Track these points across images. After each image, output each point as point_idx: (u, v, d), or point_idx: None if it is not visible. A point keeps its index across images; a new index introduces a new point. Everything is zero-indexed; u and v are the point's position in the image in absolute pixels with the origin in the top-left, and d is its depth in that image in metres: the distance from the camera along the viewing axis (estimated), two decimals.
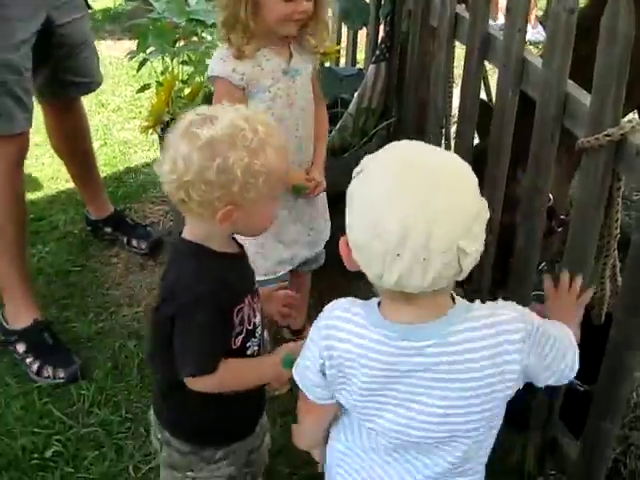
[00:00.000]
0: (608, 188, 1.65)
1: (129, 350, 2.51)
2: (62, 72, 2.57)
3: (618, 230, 1.73)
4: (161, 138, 2.65)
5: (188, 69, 2.68)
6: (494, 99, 2.10)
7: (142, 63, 2.59)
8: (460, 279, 1.14)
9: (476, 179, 1.15)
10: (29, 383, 2.40)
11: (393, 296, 1.16)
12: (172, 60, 2.48)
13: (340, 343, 1.23)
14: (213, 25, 2.37)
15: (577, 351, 1.34)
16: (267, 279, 2.13)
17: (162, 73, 2.63)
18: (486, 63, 2.15)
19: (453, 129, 2.56)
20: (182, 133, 1.35)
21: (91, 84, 2.75)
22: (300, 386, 1.35)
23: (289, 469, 2.11)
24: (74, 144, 2.90)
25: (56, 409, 2.29)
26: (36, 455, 2.15)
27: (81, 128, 2.91)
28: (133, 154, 3.66)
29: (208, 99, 2.57)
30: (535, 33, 4.70)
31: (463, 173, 1.15)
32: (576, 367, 1.33)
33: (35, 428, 2.23)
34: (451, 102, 2.46)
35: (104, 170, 3.57)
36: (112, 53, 4.73)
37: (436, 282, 1.09)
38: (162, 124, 2.56)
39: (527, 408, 2.06)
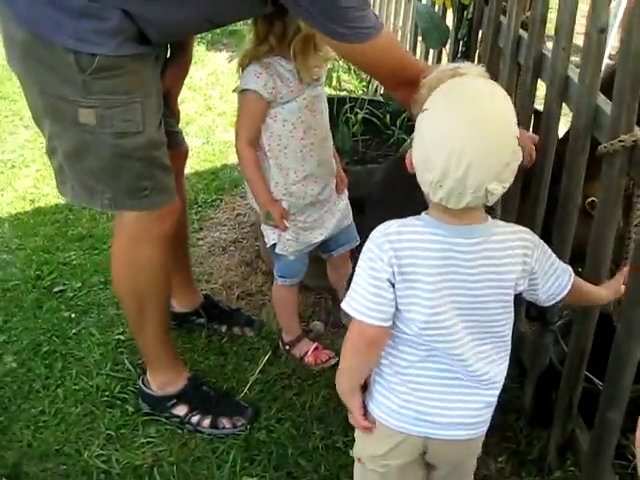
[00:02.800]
0: (624, 192, 1.82)
1: None
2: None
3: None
4: None
5: None
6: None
7: None
8: (489, 204, 1.46)
9: (516, 129, 1.44)
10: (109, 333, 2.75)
11: (440, 209, 1.46)
12: None
13: (407, 245, 1.46)
14: None
15: (573, 275, 1.64)
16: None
17: None
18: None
19: None
20: (450, 74, 1.60)
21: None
22: (357, 315, 1.47)
23: (325, 434, 2.35)
24: None
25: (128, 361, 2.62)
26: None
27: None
28: (231, 153, 3.96)
29: None
30: None
31: (508, 125, 1.43)
32: (569, 288, 1.62)
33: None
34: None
35: (202, 165, 3.93)
36: (225, 64, 5.04)
37: (469, 206, 1.42)
38: None
39: (551, 407, 2.22)
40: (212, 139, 4.25)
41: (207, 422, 2.38)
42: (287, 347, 2.64)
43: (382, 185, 1.97)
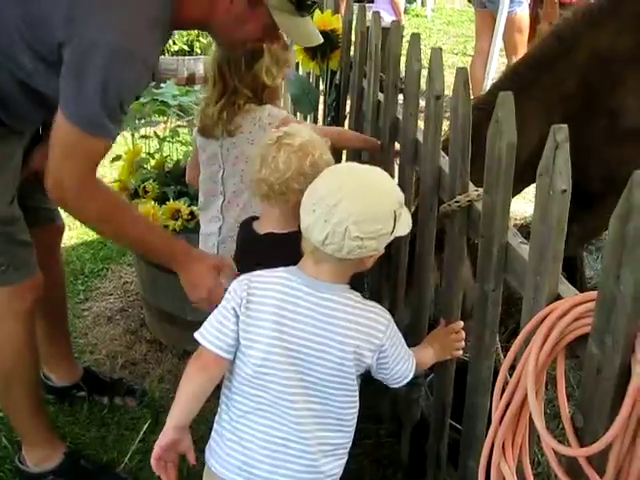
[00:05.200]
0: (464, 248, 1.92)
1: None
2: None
3: None
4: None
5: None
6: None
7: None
8: (340, 256, 1.53)
9: (393, 207, 1.57)
10: None
11: (309, 255, 1.58)
12: (132, 135, 2.83)
13: (262, 286, 1.60)
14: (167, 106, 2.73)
15: (415, 362, 1.74)
16: None
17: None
18: None
19: None
20: (276, 147, 1.77)
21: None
22: (199, 338, 1.59)
23: None
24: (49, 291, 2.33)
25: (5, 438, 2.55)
26: None
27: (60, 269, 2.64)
28: None
29: (173, 170, 2.91)
30: None
31: (389, 195, 1.60)
32: (413, 373, 1.73)
33: None
34: None
35: (91, 235, 3.92)
36: None
37: (327, 242, 1.51)
38: (128, 191, 2.88)
39: (424, 457, 2.27)
40: None
41: None
42: None
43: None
